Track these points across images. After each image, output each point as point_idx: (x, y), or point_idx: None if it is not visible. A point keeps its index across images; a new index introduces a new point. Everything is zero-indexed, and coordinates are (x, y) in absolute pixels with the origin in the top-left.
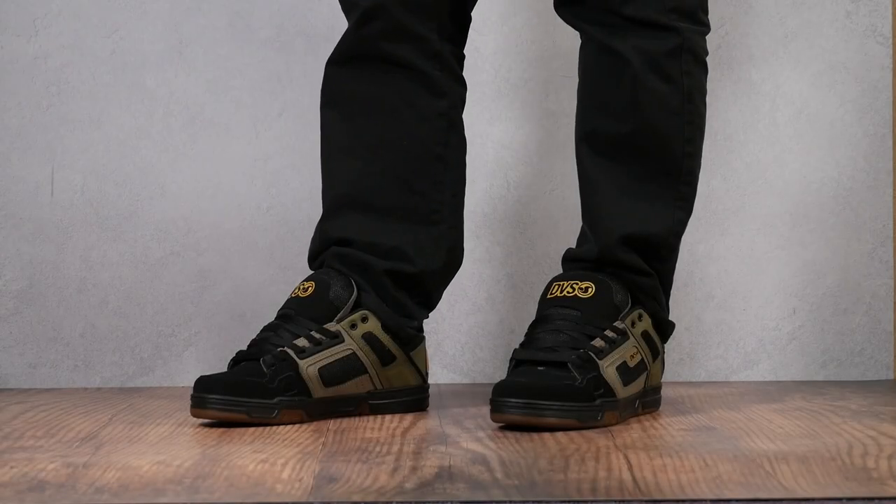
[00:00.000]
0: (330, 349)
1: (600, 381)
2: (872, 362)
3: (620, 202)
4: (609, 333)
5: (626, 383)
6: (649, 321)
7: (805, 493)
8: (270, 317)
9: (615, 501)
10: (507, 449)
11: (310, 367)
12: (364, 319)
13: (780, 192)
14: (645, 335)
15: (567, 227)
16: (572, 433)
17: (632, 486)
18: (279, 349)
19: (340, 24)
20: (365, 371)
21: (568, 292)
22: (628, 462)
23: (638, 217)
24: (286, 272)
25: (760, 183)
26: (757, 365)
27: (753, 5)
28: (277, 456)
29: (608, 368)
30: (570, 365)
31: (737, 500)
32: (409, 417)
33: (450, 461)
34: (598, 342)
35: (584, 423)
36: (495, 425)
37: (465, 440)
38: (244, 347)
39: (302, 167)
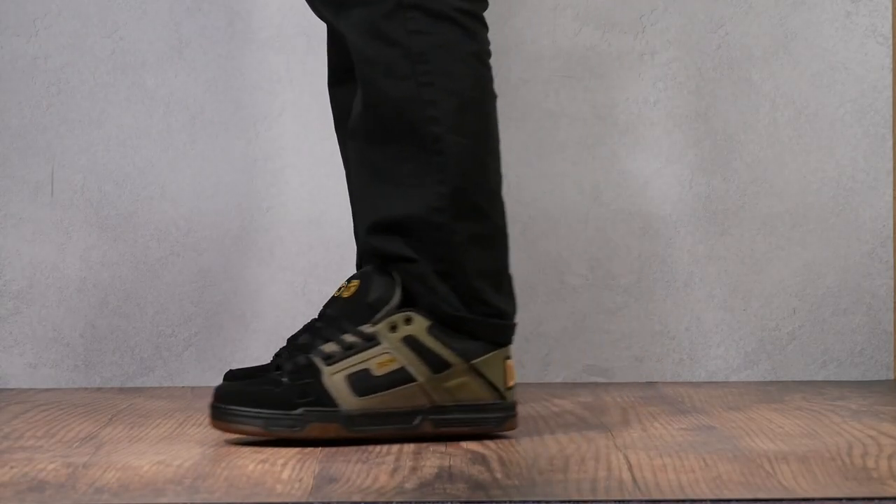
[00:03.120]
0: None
1: (314, 389)
2: (872, 362)
3: (372, 187)
4: (349, 338)
5: (362, 393)
6: (424, 325)
7: (805, 493)
8: (270, 317)
9: (615, 501)
10: (507, 449)
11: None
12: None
13: (780, 192)
14: (411, 341)
15: (567, 227)
16: (573, 433)
17: (632, 486)
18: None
19: None
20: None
21: (340, 291)
22: (628, 462)
23: (387, 200)
24: (286, 272)
25: (760, 183)
26: (757, 365)
27: (753, 5)
28: (277, 456)
29: (334, 376)
30: (283, 369)
31: (737, 500)
32: None
33: (450, 461)
34: (330, 346)
35: (271, 431)
36: None
37: (465, 440)
38: (243, 347)
39: (302, 167)
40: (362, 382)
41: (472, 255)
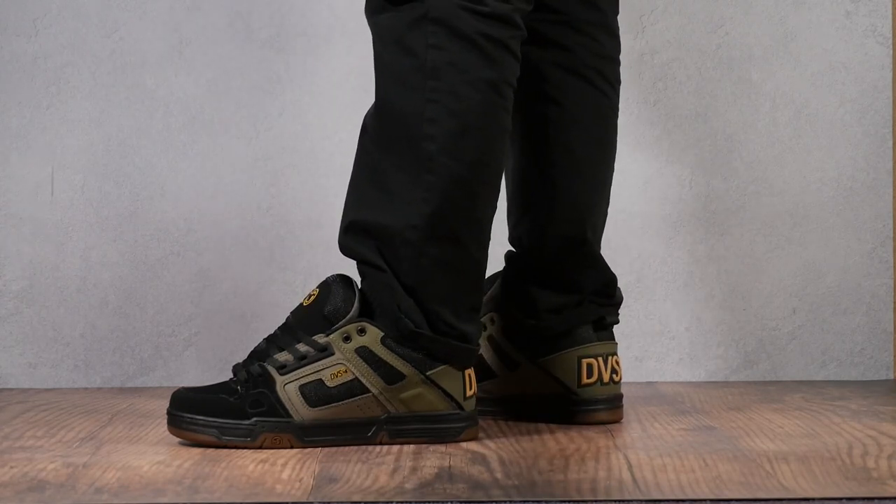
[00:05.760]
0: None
1: (267, 399)
2: (872, 362)
3: (365, 186)
4: (302, 347)
5: (315, 404)
6: (377, 336)
7: (805, 493)
8: (270, 317)
9: (615, 501)
10: (507, 449)
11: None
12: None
13: (780, 192)
14: (364, 352)
15: None
16: (573, 433)
17: (632, 486)
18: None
19: (340, 24)
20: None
21: (304, 299)
22: (628, 462)
23: (373, 204)
24: (286, 272)
25: (760, 183)
26: (757, 365)
27: (753, 5)
28: (277, 456)
29: (287, 386)
30: (235, 378)
31: (737, 500)
32: None
33: (450, 461)
34: (284, 355)
35: (224, 440)
36: (495, 425)
37: (465, 440)
38: (243, 347)
39: (302, 167)
40: (315, 393)
41: (436, 279)
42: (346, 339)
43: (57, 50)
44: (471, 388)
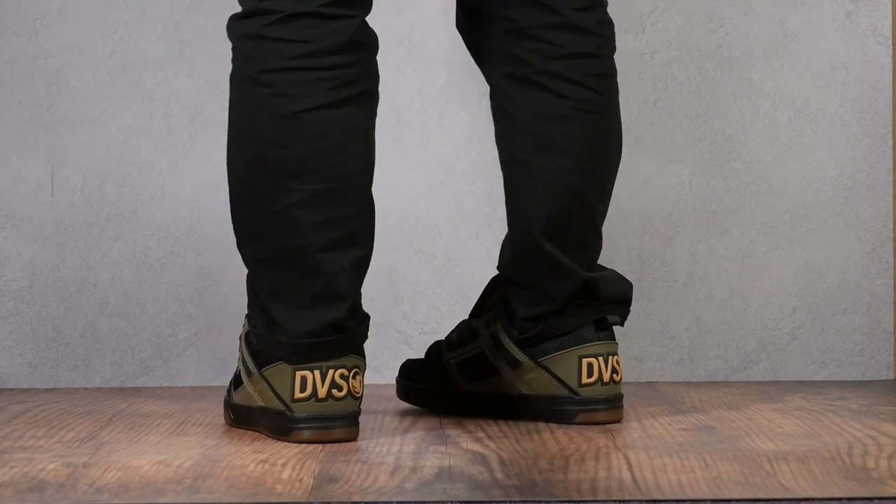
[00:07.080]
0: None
1: (237, 379)
2: (872, 362)
3: None
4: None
5: (235, 387)
6: (244, 331)
7: (805, 493)
8: None
9: (615, 501)
10: (507, 449)
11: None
12: (245, 325)
13: (780, 192)
14: (240, 344)
15: None
16: (573, 433)
17: (632, 486)
18: None
19: None
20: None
21: None
22: (628, 462)
23: None
24: None
25: (760, 183)
26: (757, 365)
27: (753, 5)
28: (277, 456)
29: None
30: None
31: (737, 500)
32: (409, 417)
33: (450, 461)
34: None
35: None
36: (495, 425)
37: (465, 440)
38: None
39: None
40: (236, 378)
41: (262, 277)
42: (244, 326)
43: (57, 50)
44: (301, 391)
